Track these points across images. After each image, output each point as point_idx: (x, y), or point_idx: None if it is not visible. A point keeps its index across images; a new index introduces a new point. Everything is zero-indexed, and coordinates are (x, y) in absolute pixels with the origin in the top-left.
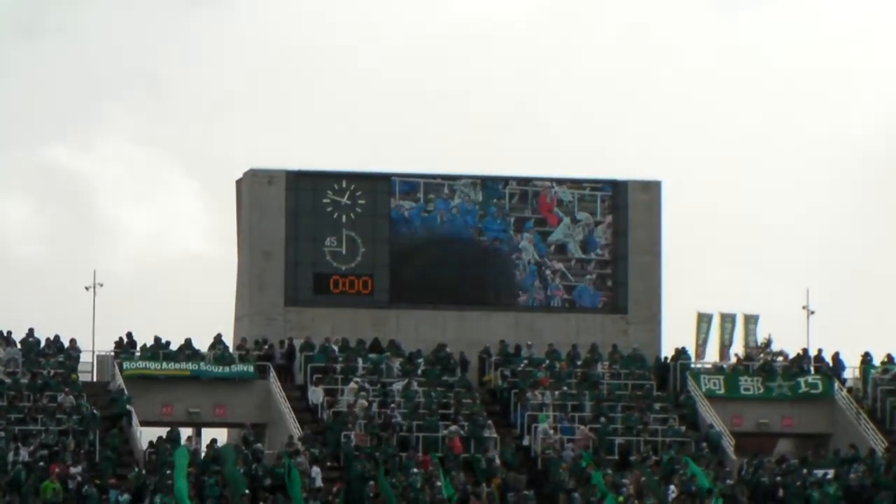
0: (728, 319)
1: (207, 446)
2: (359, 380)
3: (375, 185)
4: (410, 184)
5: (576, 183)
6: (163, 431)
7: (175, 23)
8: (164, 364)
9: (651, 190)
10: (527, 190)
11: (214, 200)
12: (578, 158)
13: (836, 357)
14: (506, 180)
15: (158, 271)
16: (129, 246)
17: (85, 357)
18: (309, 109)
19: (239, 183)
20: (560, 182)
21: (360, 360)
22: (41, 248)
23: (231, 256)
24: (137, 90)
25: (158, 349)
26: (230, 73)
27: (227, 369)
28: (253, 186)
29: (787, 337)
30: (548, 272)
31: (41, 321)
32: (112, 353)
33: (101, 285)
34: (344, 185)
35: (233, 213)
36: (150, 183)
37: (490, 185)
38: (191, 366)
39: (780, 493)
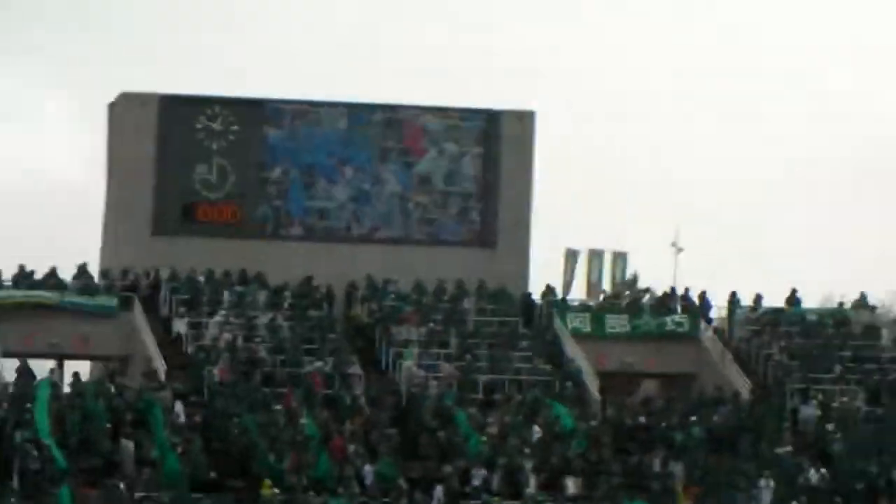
0: (596, 256)
1: (71, 381)
2: (224, 313)
3: (249, 111)
4: (280, 111)
5: (444, 112)
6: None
7: None
8: (29, 292)
9: (525, 121)
10: (392, 118)
11: (84, 123)
12: (449, 86)
13: (702, 296)
14: (372, 108)
15: (24, 196)
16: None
17: None
18: (183, 32)
19: (112, 106)
20: (428, 110)
21: (225, 293)
22: None
23: (101, 182)
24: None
25: (22, 278)
26: None
27: (91, 300)
28: (125, 110)
29: (656, 275)
30: (410, 205)
31: None
32: None
33: None
34: (217, 110)
35: (104, 136)
36: (15, 100)
37: (356, 114)
38: (55, 295)
39: (644, 434)
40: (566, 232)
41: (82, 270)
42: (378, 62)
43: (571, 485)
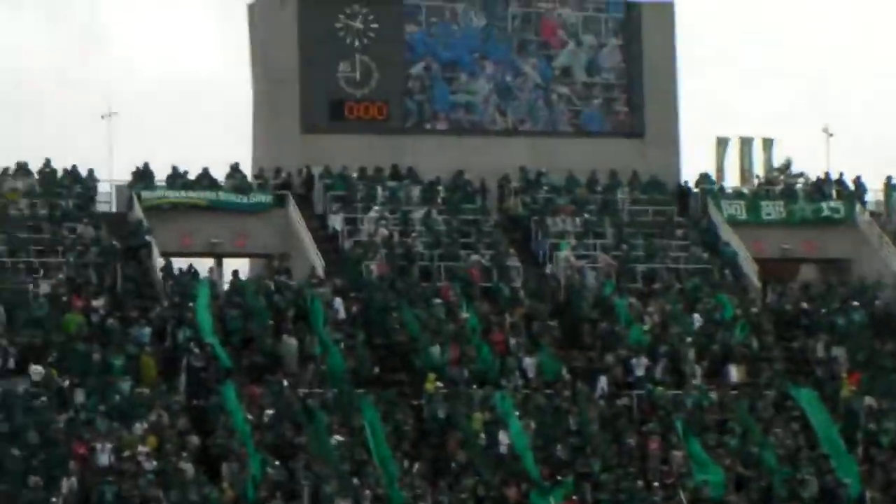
0: (746, 143)
1: (230, 279)
2: (378, 208)
3: (386, 9)
4: (417, 8)
5: (580, 3)
6: (184, 263)
7: None
8: (183, 193)
9: (665, 10)
10: (528, 12)
11: (226, 21)
12: None
13: (857, 180)
14: (507, 2)
15: (172, 95)
16: (140, 67)
17: (103, 187)
18: None
19: (251, 6)
20: (564, 3)
21: (378, 189)
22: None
23: (246, 80)
24: None
25: (176, 178)
26: None
27: (245, 199)
28: (265, 9)
29: (807, 161)
30: (553, 96)
31: (55, 149)
32: (129, 183)
33: (116, 113)
34: (356, 9)
35: (245, 35)
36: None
37: (492, 9)
38: (210, 195)
39: (805, 319)
40: (714, 119)
41: (235, 169)
42: None
43: (735, 372)
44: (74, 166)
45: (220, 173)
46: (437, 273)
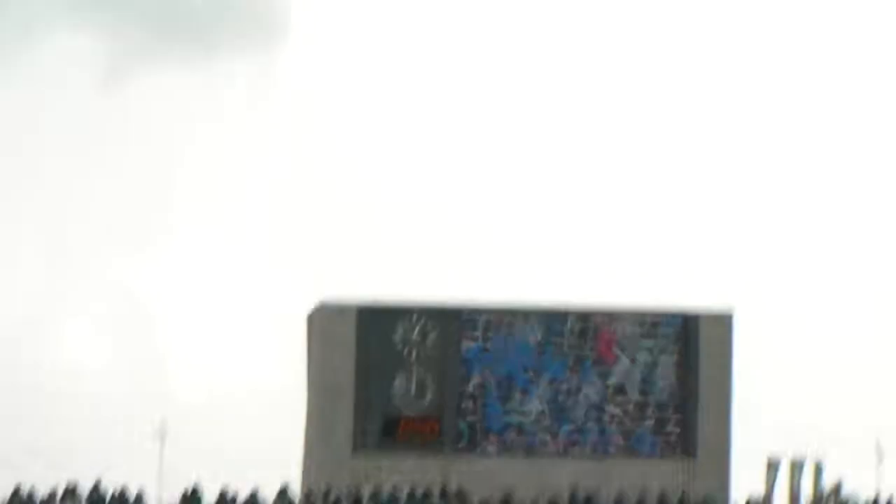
0: (797, 466)
1: None
2: None
3: (445, 319)
4: (475, 320)
5: (638, 315)
6: None
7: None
8: None
9: (723, 323)
10: (585, 326)
11: (284, 333)
12: (640, 289)
13: None
14: (565, 315)
15: (225, 412)
16: (195, 383)
17: None
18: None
19: (310, 317)
20: (622, 315)
21: None
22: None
23: (298, 396)
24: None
25: (223, 502)
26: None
27: None
28: (324, 320)
29: (858, 482)
30: (605, 416)
31: (104, 465)
32: None
33: (167, 433)
34: (414, 319)
35: (303, 349)
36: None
37: (550, 323)
38: None
39: None
40: (766, 438)
41: (283, 492)
42: (569, 262)
43: None
44: (123, 490)
45: (269, 493)
46: None
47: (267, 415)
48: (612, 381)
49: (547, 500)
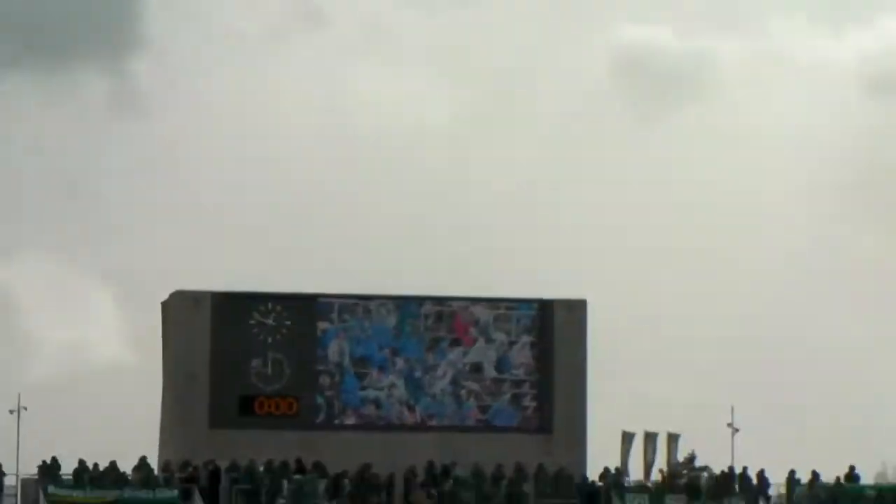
0: (651, 438)
1: None
2: (283, 502)
3: (300, 306)
4: (330, 306)
5: (494, 302)
6: None
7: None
8: (89, 490)
9: (577, 309)
10: (441, 311)
11: (138, 315)
12: (497, 277)
13: (760, 475)
14: (421, 301)
15: (81, 388)
16: (50, 360)
17: (9, 481)
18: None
19: (165, 304)
20: (477, 301)
21: (284, 483)
22: None
23: (155, 371)
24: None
25: (83, 472)
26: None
27: (151, 494)
28: (178, 309)
29: (713, 456)
30: (462, 392)
31: None
32: (37, 478)
33: (26, 409)
34: (270, 306)
35: (156, 330)
36: (70, 297)
37: (406, 307)
38: (115, 492)
39: None
40: (621, 414)
41: (142, 462)
42: (426, 252)
43: None
44: None
45: (127, 466)
46: None
47: (124, 393)
48: (469, 359)
49: (404, 472)
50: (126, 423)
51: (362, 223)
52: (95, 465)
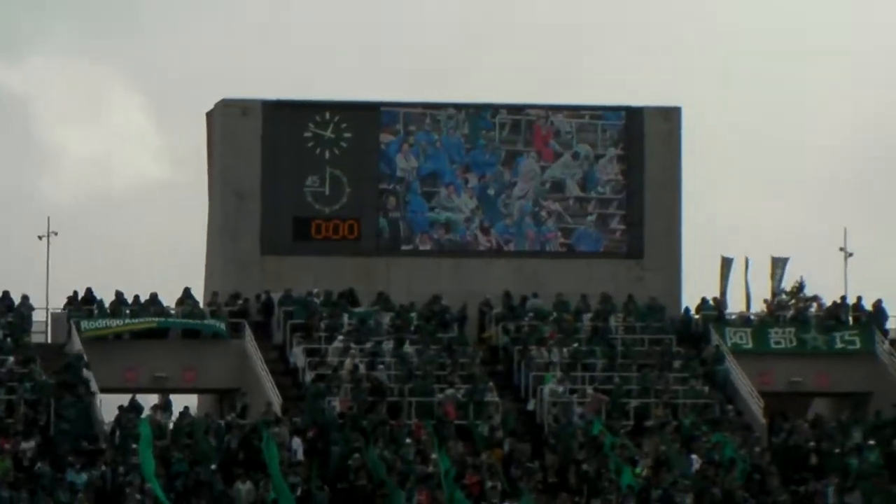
0: (753, 264)
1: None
2: (343, 338)
3: (362, 116)
4: (395, 115)
5: (576, 110)
6: (126, 399)
7: None
8: (127, 320)
9: (671, 118)
10: (518, 120)
11: (178, 127)
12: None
13: (877, 305)
14: (496, 109)
15: (114, 210)
16: (76, 177)
17: (38, 316)
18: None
19: (210, 115)
20: (557, 110)
21: (345, 316)
22: None
23: (200, 192)
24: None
25: (120, 305)
26: None
27: (197, 326)
28: (225, 120)
29: (823, 283)
30: (542, 213)
31: None
32: (67, 312)
33: (56, 234)
34: (327, 116)
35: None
36: (101, 108)
37: (478, 116)
38: (158, 320)
39: (815, 459)
40: (720, 237)
41: (186, 295)
42: (501, 61)
43: None
44: (6, 293)
45: (169, 299)
46: (407, 409)
47: (162, 214)
48: (550, 176)
49: (478, 303)
50: (167, 250)
51: (429, 22)
52: (136, 297)
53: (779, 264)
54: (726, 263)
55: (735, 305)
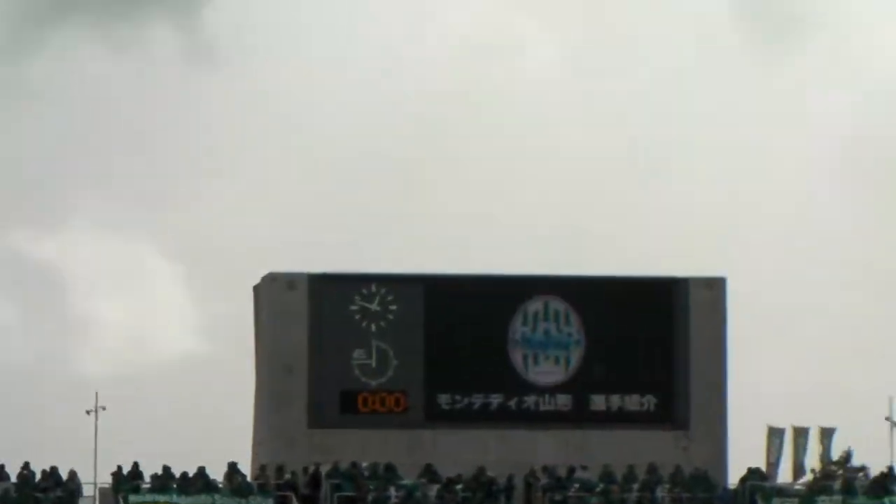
0: (802, 434)
1: None
2: None
3: (407, 288)
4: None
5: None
6: None
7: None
8: (175, 497)
9: (715, 287)
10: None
11: (228, 303)
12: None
13: None
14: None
15: (161, 385)
16: (128, 356)
17: (87, 491)
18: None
19: (257, 288)
20: (609, 281)
21: (392, 489)
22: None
23: (247, 365)
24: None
25: (167, 479)
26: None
27: (244, 502)
28: (272, 293)
29: (870, 453)
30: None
31: (34, 446)
32: (113, 486)
33: (104, 408)
34: (373, 289)
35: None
36: (141, 281)
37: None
38: (203, 500)
39: None
40: (765, 409)
41: (233, 469)
42: (536, 230)
43: None
44: (54, 468)
45: (217, 472)
46: None
47: (209, 389)
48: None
49: (524, 475)
50: (215, 423)
51: (470, 195)
52: (184, 473)
53: (827, 434)
54: (775, 434)
55: (781, 477)
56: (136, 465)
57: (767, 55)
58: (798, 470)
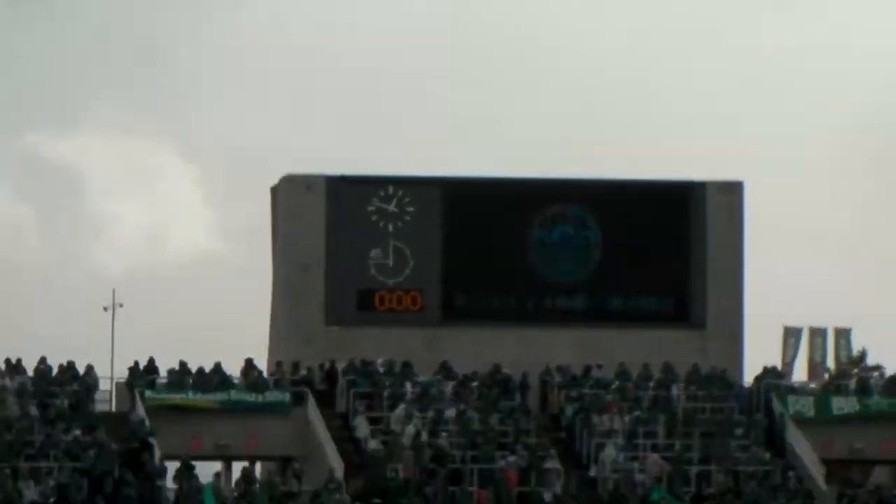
0: (818, 334)
1: (237, 481)
2: (405, 406)
3: (425, 190)
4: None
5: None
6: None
7: None
8: (191, 394)
9: (732, 191)
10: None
11: (244, 202)
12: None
13: None
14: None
15: (179, 282)
16: (146, 254)
17: (103, 385)
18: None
19: (275, 190)
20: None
21: (407, 385)
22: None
23: (265, 264)
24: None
25: (184, 375)
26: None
27: (260, 397)
28: (290, 194)
29: (885, 351)
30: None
31: (51, 342)
32: (128, 381)
33: (122, 305)
34: (391, 191)
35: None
36: (156, 181)
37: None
38: (219, 396)
39: None
40: (781, 309)
41: (250, 365)
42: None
43: None
44: (71, 363)
45: (233, 368)
46: (469, 476)
47: (226, 287)
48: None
49: (540, 373)
50: (231, 321)
51: (495, 100)
52: (200, 368)
53: (843, 335)
54: (791, 334)
55: (797, 375)
56: (151, 360)
57: None
58: (813, 369)
